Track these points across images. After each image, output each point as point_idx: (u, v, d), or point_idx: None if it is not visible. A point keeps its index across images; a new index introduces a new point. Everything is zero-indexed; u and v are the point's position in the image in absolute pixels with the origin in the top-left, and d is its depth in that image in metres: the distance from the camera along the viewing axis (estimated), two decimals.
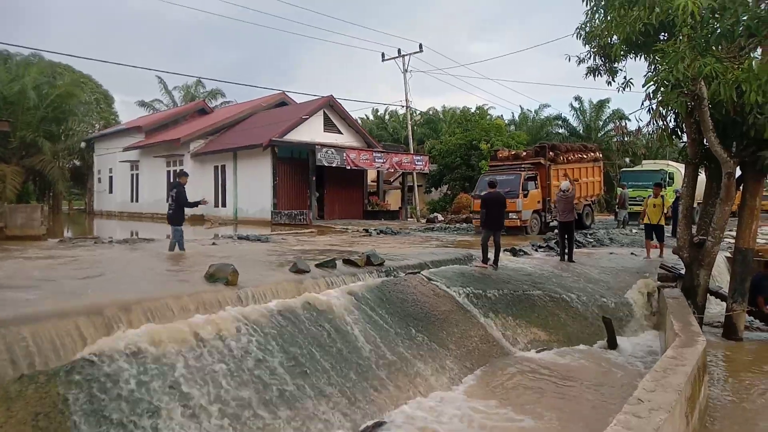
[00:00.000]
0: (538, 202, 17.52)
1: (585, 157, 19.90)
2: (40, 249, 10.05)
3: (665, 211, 12.61)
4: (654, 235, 12.69)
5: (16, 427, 3.49)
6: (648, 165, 25.70)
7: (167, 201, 9.87)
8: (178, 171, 10.33)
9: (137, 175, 31.16)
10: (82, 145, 35.35)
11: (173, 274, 7.32)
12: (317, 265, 7.61)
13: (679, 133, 9.36)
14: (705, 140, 8.30)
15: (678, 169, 23.69)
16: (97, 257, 8.88)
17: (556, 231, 13.19)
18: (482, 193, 16.11)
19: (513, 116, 44.98)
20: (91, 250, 10.12)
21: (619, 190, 23.74)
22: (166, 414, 3.99)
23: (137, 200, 31.05)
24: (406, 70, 27.53)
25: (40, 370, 3.88)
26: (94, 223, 27.51)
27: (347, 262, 8.17)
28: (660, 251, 12.73)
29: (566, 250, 11.56)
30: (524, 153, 19.37)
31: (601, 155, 21.57)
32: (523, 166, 17.83)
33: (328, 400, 4.96)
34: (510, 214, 15.34)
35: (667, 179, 22.89)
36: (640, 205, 17.87)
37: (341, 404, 5.02)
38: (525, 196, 16.69)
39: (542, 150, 18.22)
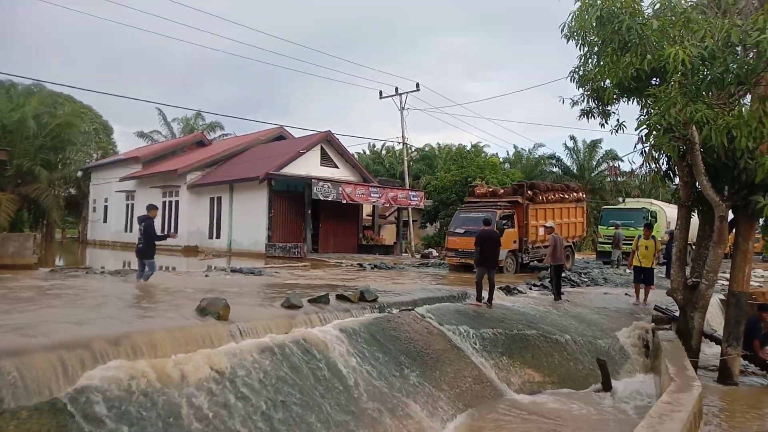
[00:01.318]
0: (514, 241, 16.83)
1: (567, 197, 19.35)
2: (31, 279, 9.93)
3: (656, 253, 12.19)
4: (643, 278, 12.02)
5: None
6: (630, 203, 24.28)
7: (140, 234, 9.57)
8: (147, 205, 10.07)
9: (132, 205, 31.10)
10: (79, 174, 35.41)
11: (165, 307, 7.22)
12: (310, 301, 7.53)
13: (672, 175, 9.48)
14: (697, 183, 8.40)
15: (661, 207, 23.12)
16: (88, 288, 8.78)
17: (547, 270, 13.17)
18: (464, 231, 15.93)
19: (508, 154, 45.55)
20: (82, 280, 10.01)
21: (601, 228, 23.64)
22: None
23: (131, 230, 30.87)
24: (403, 108, 27.94)
25: (22, 405, 3.78)
26: (87, 252, 27.29)
27: (340, 297, 8.10)
28: (645, 295, 12.09)
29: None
30: (502, 191, 18.87)
31: (584, 196, 20.95)
32: (499, 204, 17.17)
33: None
34: None
35: (650, 218, 21.43)
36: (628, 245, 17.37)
37: None
38: (500, 234, 16.22)
39: (520, 188, 17.62)
